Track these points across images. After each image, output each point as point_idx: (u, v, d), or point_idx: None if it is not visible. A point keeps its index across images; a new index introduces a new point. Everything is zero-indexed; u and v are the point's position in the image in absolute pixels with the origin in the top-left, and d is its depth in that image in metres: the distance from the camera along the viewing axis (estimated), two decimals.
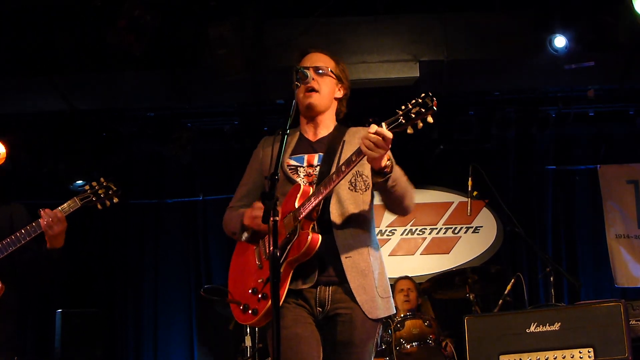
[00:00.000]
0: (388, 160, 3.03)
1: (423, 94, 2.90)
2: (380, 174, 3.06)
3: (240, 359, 5.90)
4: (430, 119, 2.90)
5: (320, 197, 3.11)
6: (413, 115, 2.89)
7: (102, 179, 3.90)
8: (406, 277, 6.85)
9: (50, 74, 6.52)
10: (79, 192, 3.88)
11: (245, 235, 3.32)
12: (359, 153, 3.01)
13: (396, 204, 3.23)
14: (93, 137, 7.41)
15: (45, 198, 7.56)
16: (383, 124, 2.94)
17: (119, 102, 7.25)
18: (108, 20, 5.97)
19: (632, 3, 5.64)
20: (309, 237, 3.10)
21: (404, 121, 2.90)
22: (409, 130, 2.92)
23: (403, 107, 2.92)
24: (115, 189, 3.90)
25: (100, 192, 3.86)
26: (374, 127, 2.94)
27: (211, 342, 7.58)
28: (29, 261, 3.82)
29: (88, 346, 7.55)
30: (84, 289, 7.84)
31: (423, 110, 2.88)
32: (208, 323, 7.57)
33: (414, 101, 2.90)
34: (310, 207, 3.11)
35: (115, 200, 3.90)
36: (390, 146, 2.95)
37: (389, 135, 2.91)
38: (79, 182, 7.45)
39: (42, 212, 3.73)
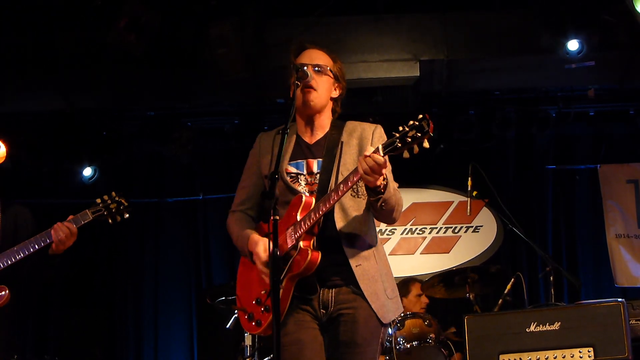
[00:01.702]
0: (383, 179, 3.03)
1: (420, 116, 2.87)
2: (372, 192, 3.06)
3: (241, 358, 5.90)
4: (426, 144, 2.87)
5: (320, 214, 3.11)
6: (409, 140, 2.86)
7: (113, 193, 3.91)
8: (418, 280, 6.78)
9: (50, 74, 6.52)
10: (91, 205, 3.88)
11: (252, 257, 3.33)
12: (356, 173, 3.01)
13: (383, 217, 3.24)
14: (93, 136, 7.41)
15: (46, 197, 7.60)
16: (379, 147, 2.93)
17: (119, 101, 7.26)
18: (108, 19, 5.98)
19: (632, 2, 5.64)
20: (309, 255, 3.11)
21: (400, 145, 2.88)
22: (405, 155, 2.91)
23: (400, 129, 2.90)
24: (126, 204, 3.90)
25: (112, 206, 3.87)
26: (370, 150, 2.94)
27: (211, 342, 7.58)
28: (31, 267, 3.82)
29: (88, 346, 7.56)
30: (84, 289, 7.83)
31: (419, 134, 2.85)
32: (208, 322, 7.57)
33: (411, 123, 2.88)
34: (311, 224, 3.12)
35: (126, 215, 3.91)
36: (385, 169, 2.96)
37: (381, 160, 2.91)
38: (87, 173, 7.46)
39: (56, 226, 3.74)
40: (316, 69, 3.32)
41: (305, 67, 3.27)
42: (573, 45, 6.18)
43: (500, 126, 7.39)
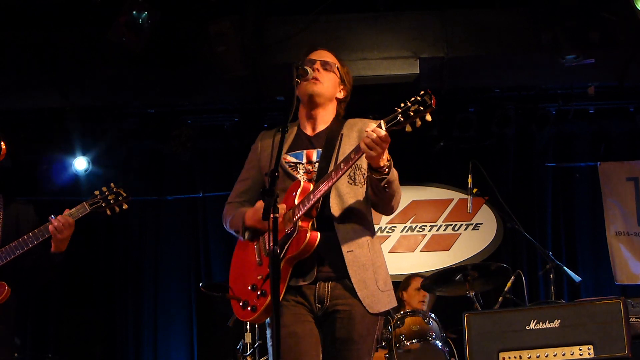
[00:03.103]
0: (387, 160, 3.04)
1: (422, 92, 2.89)
2: (377, 171, 3.07)
3: (240, 355, 5.90)
4: (428, 117, 2.88)
5: (319, 195, 3.11)
6: (412, 114, 2.87)
7: (112, 185, 3.85)
8: (420, 275, 6.78)
9: (49, 71, 6.52)
10: (89, 197, 3.84)
11: (247, 234, 3.33)
12: (357, 150, 3.02)
13: (383, 204, 3.25)
14: (93, 134, 7.41)
15: (45, 195, 7.60)
16: (382, 122, 2.94)
17: (119, 98, 7.25)
18: (108, 16, 5.97)
19: (633, 0, 5.64)
20: (308, 235, 3.11)
21: (402, 119, 2.90)
22: (408, 129, 2.92)
23: (402, 105, 2.91)
24: (125, 195, 3.83)
25: (110, 198, 3.81)
26: (372, 125, 2.95)
27: (211, 339, 7.59)
28: (31, 264, 3.81)
29: (88, 345, 7.57)
30: (84, 289, 7.82)
31: (422, 108, 2.86)
32: (208, 320, 7.57)
33: (413, 99, 2.89)
34: (309, 205, 3.12)
35: (125, 206, 3.84)
36: (388, 144, 2.96)
37: (383, 133, 2.92)
38: (82, 168, 7.44)
39: (52, 219, 3.72)
40: (324, 65, 3.38)
41: (308, 67, 3.30)
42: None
43: (500, 124, 7.39)
